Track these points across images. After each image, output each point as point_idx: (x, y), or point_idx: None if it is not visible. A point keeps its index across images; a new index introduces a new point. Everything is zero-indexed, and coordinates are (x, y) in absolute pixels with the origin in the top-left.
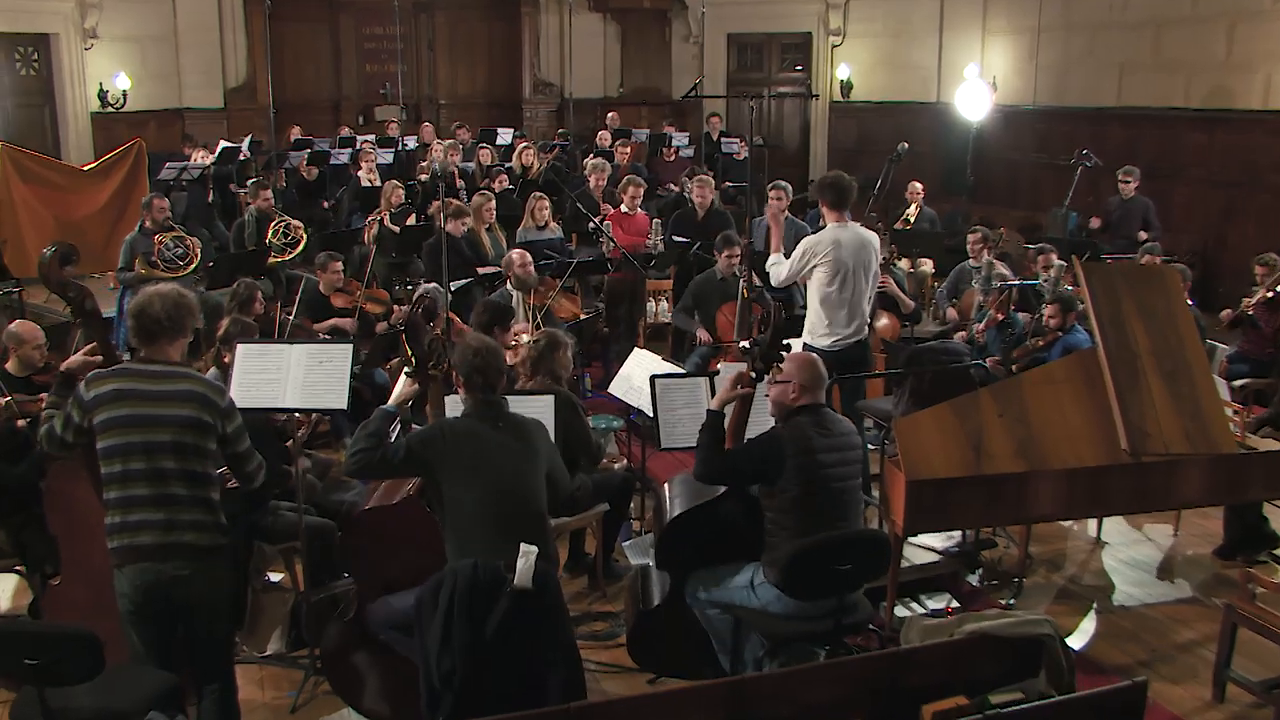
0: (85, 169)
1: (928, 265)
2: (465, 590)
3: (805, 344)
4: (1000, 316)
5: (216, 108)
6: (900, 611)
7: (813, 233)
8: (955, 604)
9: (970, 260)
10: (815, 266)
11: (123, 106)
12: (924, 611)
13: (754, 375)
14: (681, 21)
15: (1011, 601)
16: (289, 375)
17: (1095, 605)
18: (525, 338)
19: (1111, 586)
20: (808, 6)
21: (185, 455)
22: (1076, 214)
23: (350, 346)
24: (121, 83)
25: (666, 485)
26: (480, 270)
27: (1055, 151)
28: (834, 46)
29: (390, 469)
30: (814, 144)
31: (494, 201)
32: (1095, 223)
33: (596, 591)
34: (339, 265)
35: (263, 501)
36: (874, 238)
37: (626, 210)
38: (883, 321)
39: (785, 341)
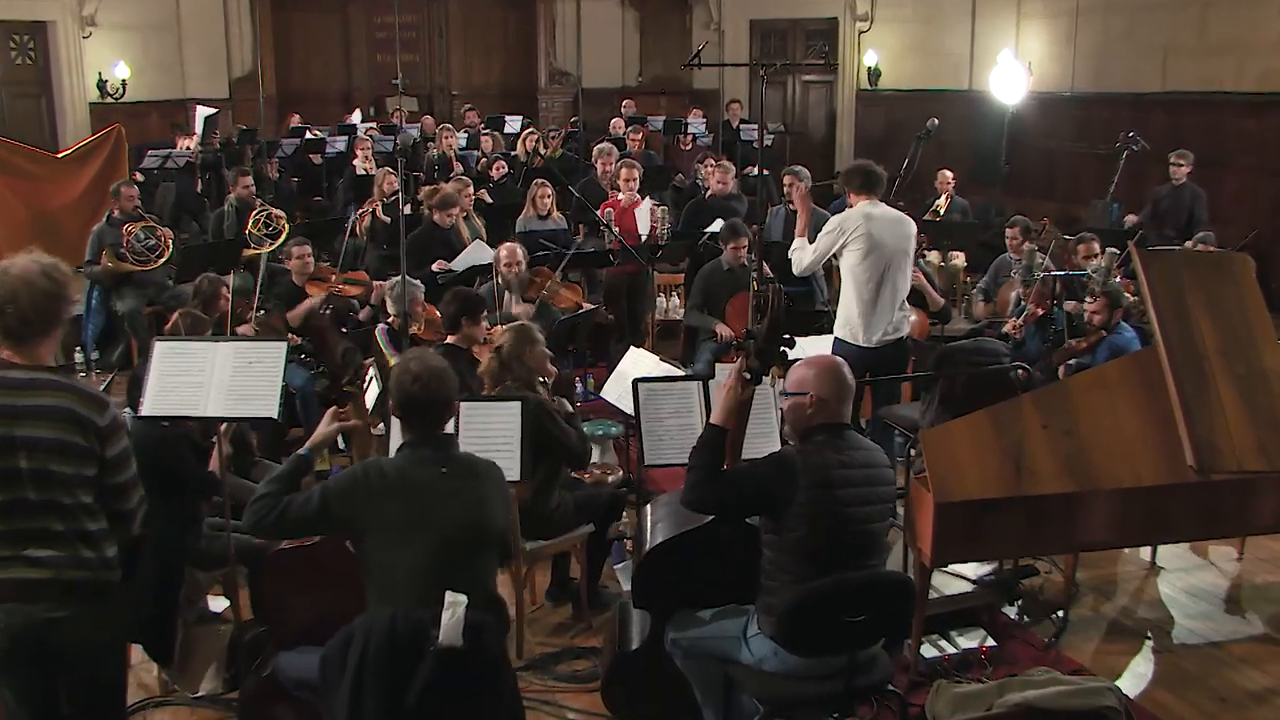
0: (60, 156)
1: (959, 259)
2: (380, 649)
3: (837, 340)
4: (1040, 311)
5: (221, 98)
6: (927, 650)
7: None
8: (991, 642)
9: (1010, 255)
10: (846, 246)
11: (122, 96)
12: (954, 652)
13: (749, 376)
14: (702, 8)
15: (1054, 641)
16: (213, 378)
17: (1152, 642)
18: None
19: (1170, 620)
20: None
21: (49, 486)
22: (1120, 205)
23: (284, 345)
24: (121, 72)
25: (648, 507)
26: (441, 264)
27: (1094, 140)
28: (861, 32)
29: (298, 525)
30: (840, 133)
31: (471, 188)
32: (1130, 219)
33: (581, 623)
34: (306, 249)
35: (194, 521)
36: (910, 221)
37: (623, 198)
38: (911, 319)
39: (787, 335)
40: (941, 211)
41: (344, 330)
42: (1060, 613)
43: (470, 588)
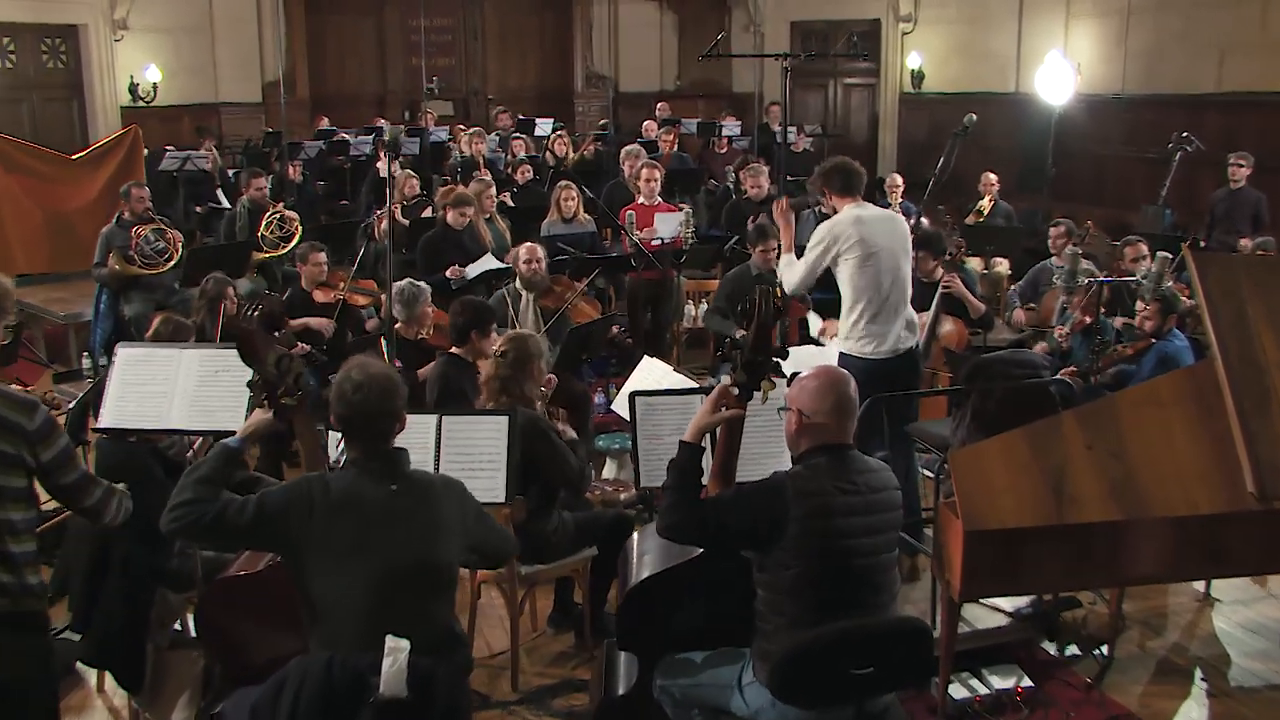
0: (75, 158)
1: (1003, 265)
2: (313, 700)
3: (842, 355)
4: (1087, 319)
5: (254, 102)
6: (956, 691)
7: None
8: (1027, 682)
9: (1053, 259)
10: (840, 256)
11: (153, 100)
12: (987, 693)
13: (737, 391)
14: (742, 9)
15: (1097, 681)
16: (177, 388)
17: (1206, 684)
18: None
19: (1226, 659)
20: None
21: None
22: (1172, 211)
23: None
24: (152, 75)
25: (635, 536)
26: (455, 270)
27: (1144, 143)
28: (904, 34)
29: (228, 536)
30: (883, 137)
31: (494, 189)
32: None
33: (584, 653)
34: (321, 256)
35: (165, 540)
36: (900, 217)
37: (644, 201)
38: (947, 327)
39: (778, 345)
40: (985, 214)
41: (276, 333)
42: (1104, 649)
43: (421, 625)
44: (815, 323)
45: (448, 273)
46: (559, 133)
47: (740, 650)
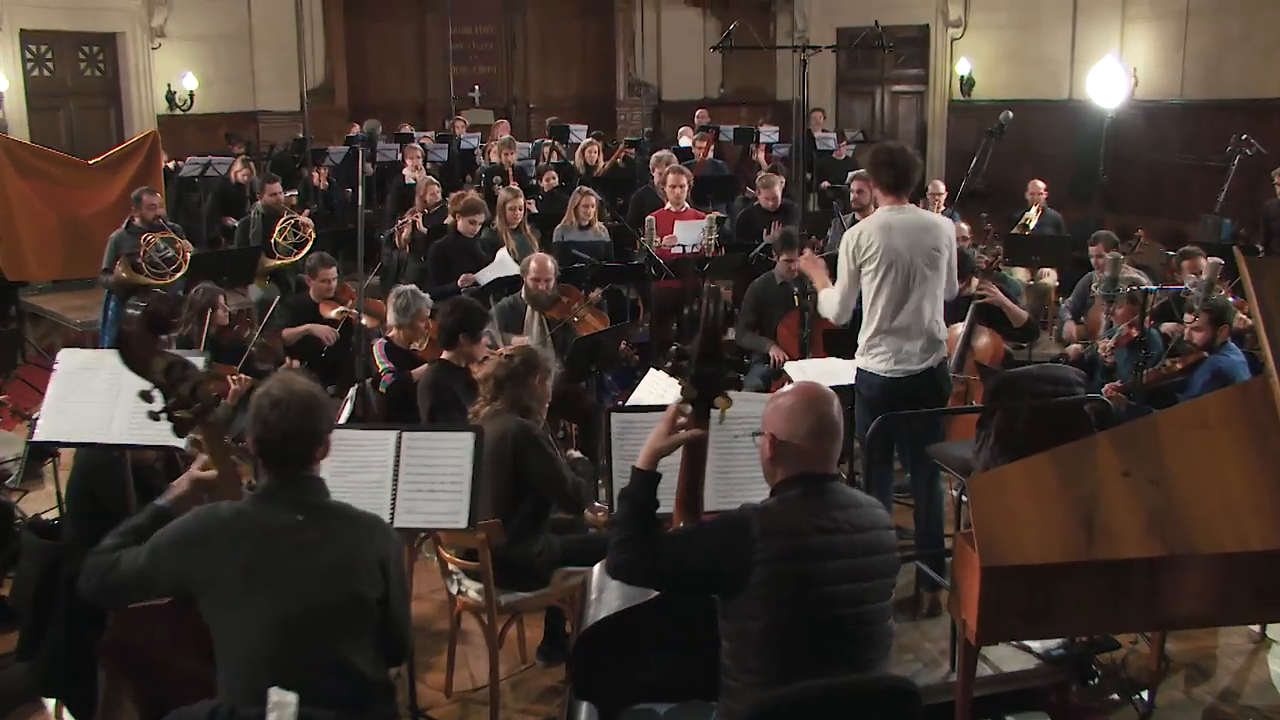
0: (91, 163)
1: (1050, 276)
2: None
3: (859, 370)
4: (1134, 333)
5: (292, 110)
6: None
7: None
8: None
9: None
10: (861, 265)
11: (189, 108)
12: None
13: (690, 409)
14: (786, 16)
15: None
16: (120, 398)
17: None
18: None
19: None
20: None
21: None
22: (1232, 221)
23: (202, 360)
24: (189, 83)
25: (596, 568)
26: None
27: (1204, 151)
28: (954, 40)
29: (126, 586)
30: (931, 146)
31: (522, 199)
32: None
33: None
34: (331, 272)
35: None
36: (944, 223)
37: (672, 207)
38: (983, 340)
39: (731, 354)
40: (1031, 225)
41: (164, 335)
42: (1145, 695)
43: (331, 674)
44: None
45: (459, 281)
46: (589, 140)
47: (710, 704)
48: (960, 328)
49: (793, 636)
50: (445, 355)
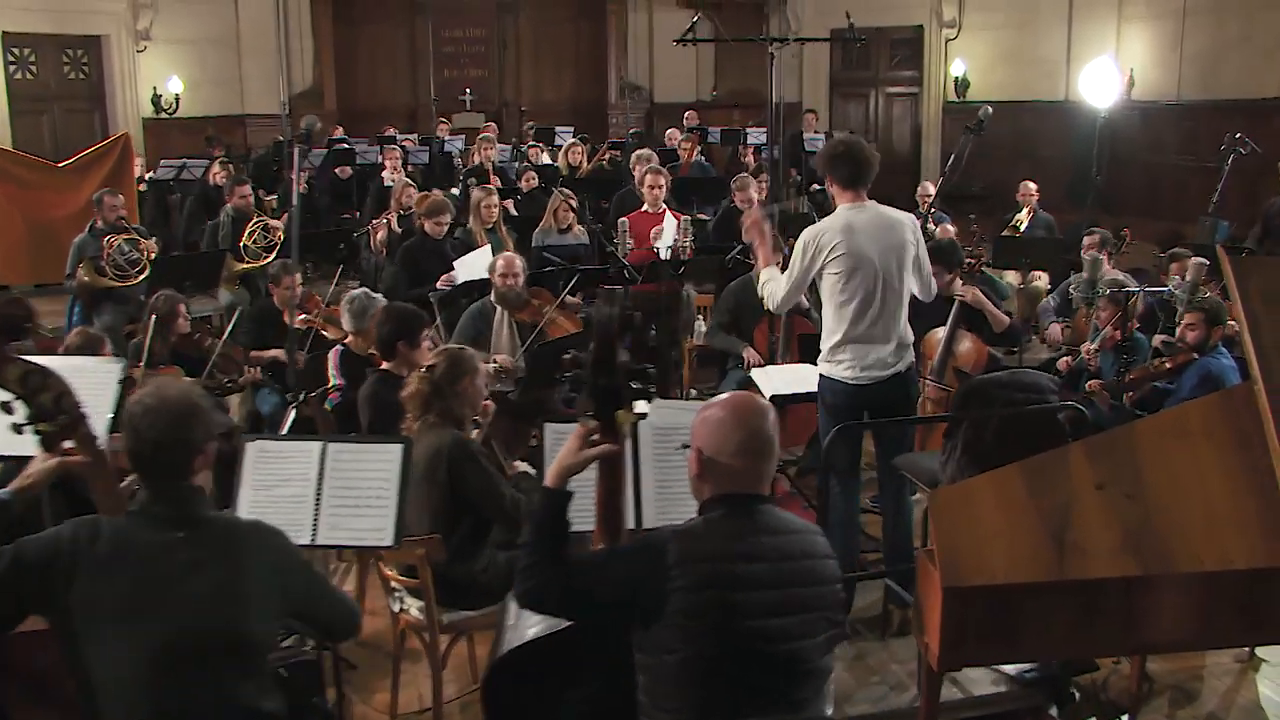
0: (61, 165)
1: (1042, 280)
2: None
3: (821, 377)
4: (1118, 336)
5: (279, 114)
6: None
7: None
8: None
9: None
10: (824, 266)
11: (175, 111)
12: None
13: (595, 423)
14: (780, 17)
15: None
16: None
17: None
18: (494, 364)
19: None
20: None
21: None
22: (1228, 224)
23: (119, 364)
24: (174, 86)
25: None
26: (446, 279)
27: (1202, 153)
28: (948, 40)
29: None
30: (925, 149)
31: (496, 197)
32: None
33: None
34: (295, 279)
35: None
36: (906, 218)
37: (650, 208)
38: (964, 345)
39: (637, 363)
40: (1022, 227)
41: (14, 340)
42: (1126, 718)
43: (217, 708)
44: None
45: (440, 281)
46: (573, 143)
47: None
48: (941, 332)
49: (712, 673)
50: (385, 365)
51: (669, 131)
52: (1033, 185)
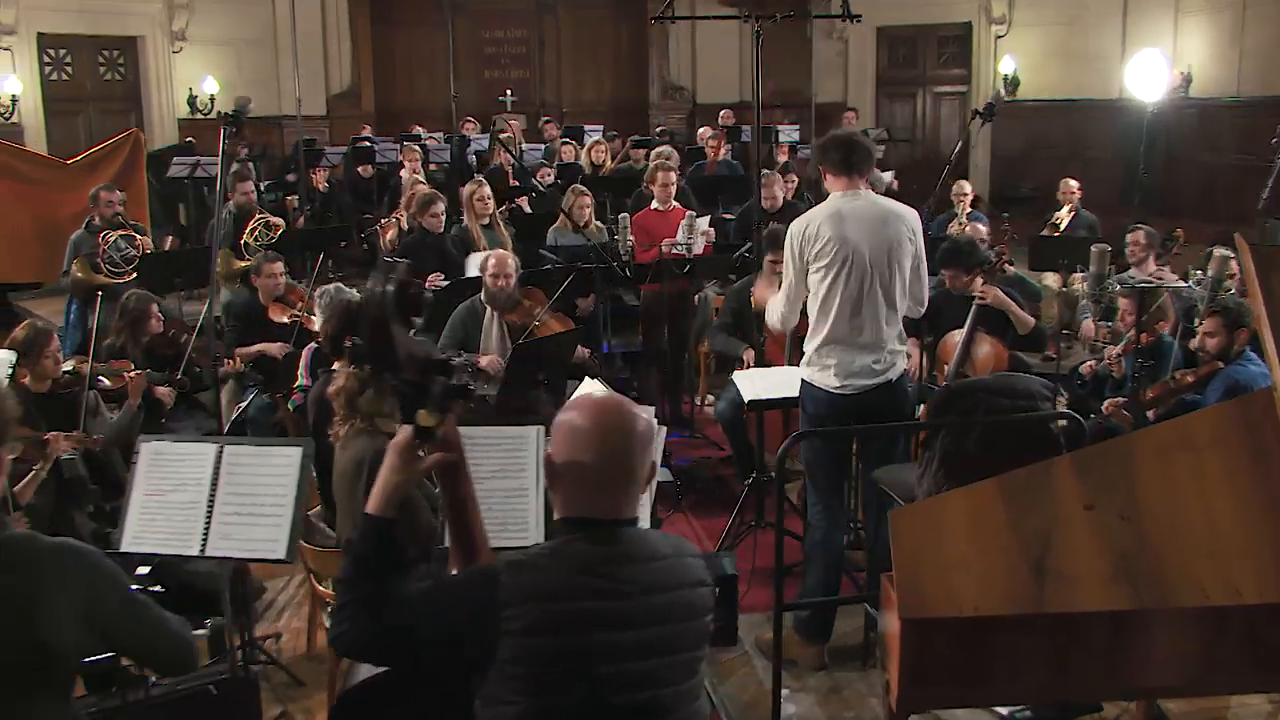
0: (70, 162)
1: (1082, 283)
2: None
3: (803, 383)
4: (1144, 339)
5: (319, 115)
6: None
7: None
8: None
9: (1133, 270)
10: (809, 261)
11: (209, 112)
12: None
13: (420, 429)
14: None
15: None
16: None
17: None
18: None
19: None
20: None
21: None
22: None
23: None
24: (209, 87)
25: None
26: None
27: (1263, 151)
28: (998, 38)
29: None
30: (974, 148)
31: (488, 188)
32: None
33: None
34: (278, 268)
35: None
36: (907, 213)
37: (659, 206)
38: (984, 349)
39: (435, 358)
40: (1062, 226)
41: None
42: None
43: None
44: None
45: (427, 281)
46: (597, 140)
47: None
48: (960, 335)
49: None
50: (336, 364)
51: (700, 130)
52: (1074, 183)
